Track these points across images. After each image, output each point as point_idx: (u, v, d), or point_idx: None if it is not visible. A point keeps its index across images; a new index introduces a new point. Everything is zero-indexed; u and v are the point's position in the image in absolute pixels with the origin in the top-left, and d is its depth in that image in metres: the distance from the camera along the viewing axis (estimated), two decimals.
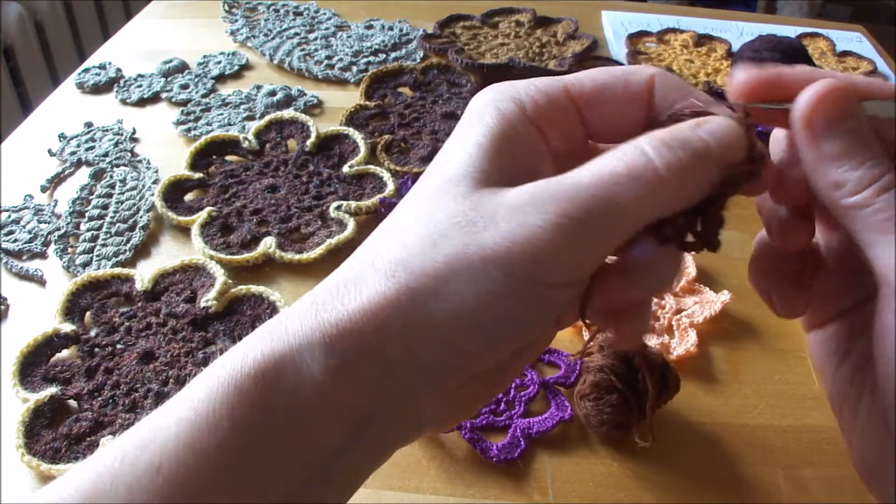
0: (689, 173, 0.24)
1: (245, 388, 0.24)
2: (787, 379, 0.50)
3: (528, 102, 0.27)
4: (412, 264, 0.24)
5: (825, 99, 0.25)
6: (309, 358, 0.24)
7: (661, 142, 0.24)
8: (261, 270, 0.57)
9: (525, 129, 0.26)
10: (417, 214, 0.26)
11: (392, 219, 0.27)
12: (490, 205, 0.24)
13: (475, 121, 0.27)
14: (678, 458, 0.45)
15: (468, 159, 0.26)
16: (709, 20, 0.96)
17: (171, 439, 0.23)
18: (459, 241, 0.24)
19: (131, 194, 0.63)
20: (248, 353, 0.25)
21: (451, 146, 0.27)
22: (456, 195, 0.25)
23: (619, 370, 0.43)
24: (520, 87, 0.27)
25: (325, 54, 0.85)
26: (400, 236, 0.25)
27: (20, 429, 0.43)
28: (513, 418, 0.46)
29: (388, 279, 0.24)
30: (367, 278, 0.25)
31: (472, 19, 0.91)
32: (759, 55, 0.73)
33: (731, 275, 0.57)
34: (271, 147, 0.68)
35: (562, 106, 0.27)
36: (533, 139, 0.27)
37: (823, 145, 0.25)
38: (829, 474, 0.44)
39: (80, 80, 0.78)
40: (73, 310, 0.51)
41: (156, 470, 0.23)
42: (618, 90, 0.27)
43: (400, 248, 0.25)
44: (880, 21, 2.23)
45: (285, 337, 0.25)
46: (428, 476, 0.43)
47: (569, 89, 0.27)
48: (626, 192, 0.23)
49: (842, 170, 0.24)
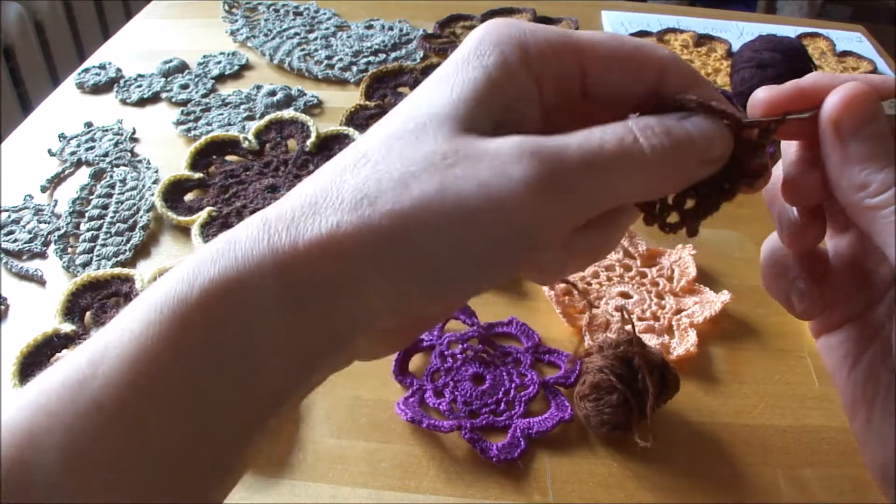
0: (671, 159, 0.24)
1: (192, 319, 0.22)
2: (787, 379, 0.50)
3: (534, 52, 0.25)
4: (379, 201, 0.23)
5: (853, 102, 0.25)
6: (260, 288, 0.23)
7: (646, 125, 0.24)
8: None
9: (524, 80, 0.25)
10: (392, 148, 0.24)
11: (363, 145, 0.25)
12: (472, 152, 0.23)
13: (473, 59, 0.25)
14: (678, 458, 0.45)
15: (458, 101, 0.24)
16: (709, 20, 0.96)
17: (111, 376, 0.22)
18: (434, 185, 0.23)
19: (131, 194, 0.63)
20: (194, 281, 0.23)
21: (442, 79, 0.25)
22: (437, 136, 0.24)
23: (619, 370, 0.44)
24: (529, 34, 0.25)
25: (325, 54, 0.85)
26: (371, 167, 0.24)
27: None
28: (513, 418, 0.46)
29: (351, 213, 0.23)
30: (326, 208, 0.23)
31: (472, 19, 0.91)
32: (758, 55, 0.73)
33: (731, 275, 0.57)
34: (271, 147, 0.68)
35: (567, 64, 0.26)
36: (529, 90, 0.26)
37: (851, 147, 0.25)
38: (829, 474, 0.44)
39: (80, 80, 0.78)
40: (73, 310, 0.51)
41: (97, 408, 0.22)
42: (631, 65, 0.26)
43: (369, 182, 0.23)
44: (880, 21, 2.23)
45: (234, 264, 0.23)
46: (428, 476, 0.43)
47: (581, 50, 0.26)
48: (610, 164, 0.23)
49: (866, 172, 0.25)
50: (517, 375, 0.48)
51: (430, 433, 0.45)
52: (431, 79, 0.26)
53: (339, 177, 0.24)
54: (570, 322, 0.52)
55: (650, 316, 0.54)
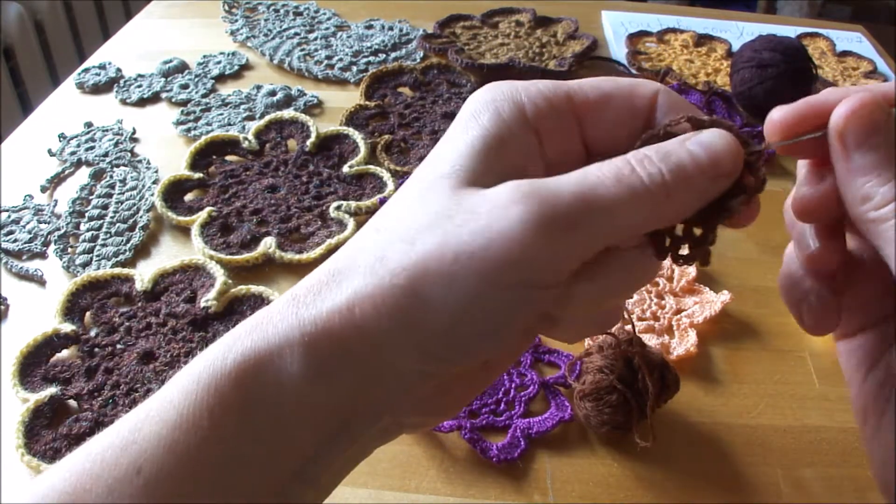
0: (673, 185, 0.24)
1: (224, 390, 0.24)
2: (787, 379, 0.50)
3: (528, 106, 0.26)
4: (388, 261, 0.24)
5: (857, 113, 0.25)
6: (288, 358, 0.24)
7: (643, 154, 0.24)
8: (261, 270, 0.57)
9: (522, 133, 0.26)
10: (401, 212, 0.25)
11: (378, 216, 0.27)
12: (472, 202, 0.24)
13: (471, 120, 0.26)
14: (678, 458, 0.45)
15: (458, 158, 0.25)
16: (709, 20, 0.96)
17: (151, 441, 0.23)
18: (437, 237, 0.23)
19: (131, 194, 0.63)
20: (228, 354, 0.24)
21: (443, 144, 0.27)
22: (440, 193, 0.25)
23: (619, 370, 0.43)
24: (521, 89, 0.27)
25: (325, 54, 0.85)
26: (383, 233, 0.25)
27: (20, 429, 0.43)
28: (513, 418, 0.46)
29: (367, 276, 0.24)
30: (348, 275, 0.25)
31: (472, 19, 0.91)
32: (758, 55, 0.73)
33: (731, 275, 0.57)
34: (271, 147, 0.68)
35: (562, 113, 0.27)
36: (528, 144, 0.26)
37: (854, 158, 0.25)
38: (829, 474, 0.44)
39: (80, 80, 0.78)
40: (73, 310, 0.51)
41: (136, 471, 0.23)
42: (621, 102, 0.27)
43: (381, 245, 0.25)
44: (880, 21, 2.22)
45: (265, 336, 0.24)
46: (428, 476, 0.43)
47: (571, 97, 0.27)
48: (608, 197, 0.23)
49: (870, 184, 0.24)
50: (517, 375, 0.48)
51: (430, 433, 0.45)
52: (438, 144, 0.27)
53: (359, 245, 0.26)
54: None
55: (650, 316, 0.54)
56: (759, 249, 0.60)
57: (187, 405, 0.24)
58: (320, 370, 0.24)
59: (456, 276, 0.23)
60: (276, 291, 0.53)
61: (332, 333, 0.24)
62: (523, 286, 0.24)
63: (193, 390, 0.24)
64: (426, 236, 0.24)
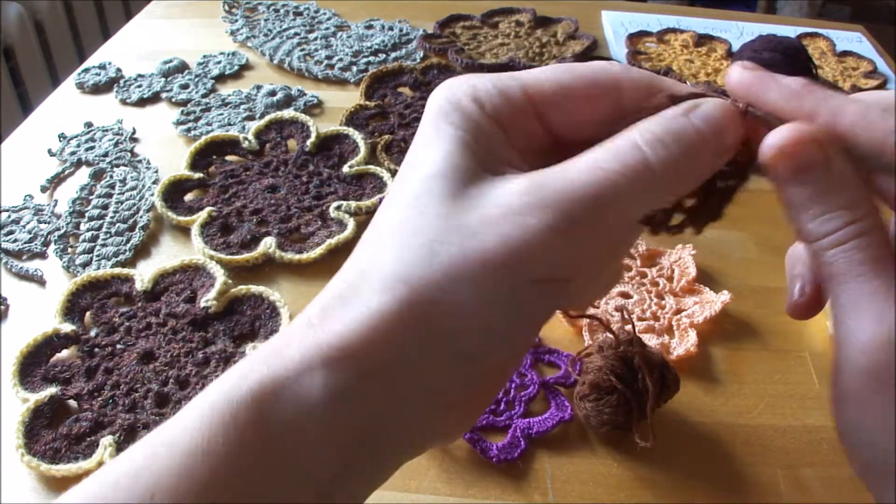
0: (684, 166, 0.24)
1: (241, 417, 0.23)
2: (787, 379, 0.50)
3: (486, 101, 0.26)
4: (411, 276, 0.23)
5: (784, 151, 0.24)
6: (308, 385, 0.23)
7: (654, 136, 0.24)
8: (261, 270, 0.57)
9: (489, 128, 0.26)
10: (404, 221, 0.25)
11: (377, 227, 0.26)
12: (482, 205, 0.24)
13: (439, 121, 0.26)
14: (678, 458, 0.45)
15: (444, 157, 0.25)
16: (709, 20, 0.96)
17: (164, 467, 0.23)
18: (456, 246, 0.23)
19: (131, 194, 0.63)
20: (243, 382, 0.24)
21: (419, 148, 0.26)
22: (442, 196, 0.24)
23: (619, 370, 0.43)
24: (478, 86, 0.26)
25: (325, 54, 0.85)
26: (391, 246, 0.24)
27: (20, 429, 0.43)
28: (513, 418, 0.46)
29: (386, 294, 0.23)
30: (363, 293, 0.24)
31: (472, 19, 0.91)
32: (758, 55, 0.73)
33: (731, 275, 0.57)
34: (271, 147, 0.68)
35: (520, 106, 0.26)
36: (498, 136, 0.26)
37: (787, 191, 0.25)
38: (829, 474, 0.44)
39: (80, 80, 0.78)
40: (73, 310, 0.51)
41: (149, 497, 0.22)
42: (580, 90, 0.26)
43: (394, 260, 0.24)
44: (880, 21, 2.22)
45: (282, 362, 0.24)
46: (428, 476, 0.43)
47: (527, 90, 0.26)
48: (621, 190, 0.23)
49: (804, 217, 0.24)
50: (517, 375, 0.48)
51: None
52: (410, 150, 0.27)
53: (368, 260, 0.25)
54: (570, 322, 0.52)
55: (650, 316, 0.54)
56: (759, 249, 0.60)
57: (202, 432, 0.23)
58: (345, 391, 0.23)
59: (483, 282, 0.23)
60: (277, 291, 0.53)
61: (355, 355, 0.23)
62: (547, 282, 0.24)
63: (209, 417, 0.23)
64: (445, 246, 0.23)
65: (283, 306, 0.52)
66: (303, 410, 0.23)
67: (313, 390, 0.23)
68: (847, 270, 0.24)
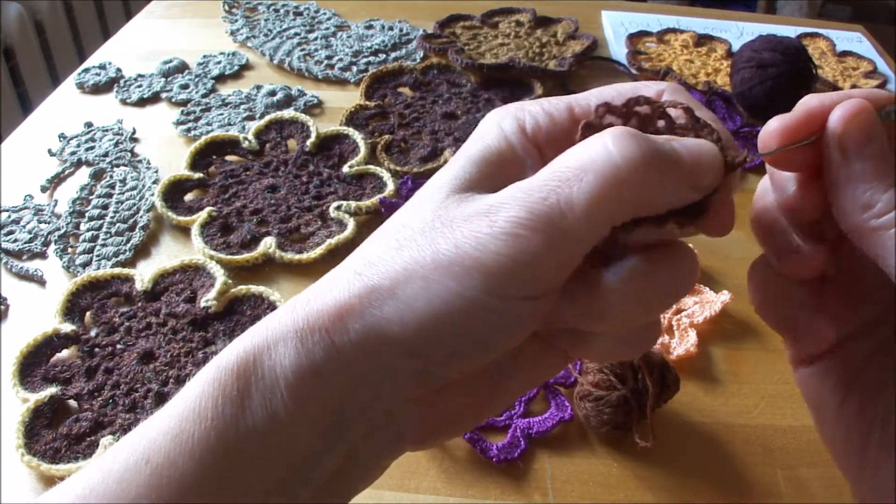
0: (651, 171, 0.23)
1: (226, 383, 0.24)
2: (787, 379, 0.50)
3: (528, 121, 0.26)
4: (377, 265, 0.25)
5: (855, 119, 0.24)
6: (283, 351, 0.25)
7: (624, 132, 0.23)
8: (261, 270, 0.57)
9: (522, 147, 0.26)
10: (397, 220, 0.26)
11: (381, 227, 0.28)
12: (454, 211, 0.25)
13: (476, 139, 0.27)
14: (678, 458, 0.45)
15: (456, 169, 0.26)
16: (709, 20, 0.96)
17: (159, 433, 0.24)
18: (419, 245, 0.24)
19: (131, 194, 0.63)
20: (231, 350, 0.25)
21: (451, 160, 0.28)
22: (433, 202, 0.25)
23: (619, 370, 0.44)
24: (526, 107, 0.27)
25: (325, 54, 0.85)
26: (378, 240, 0.26)
27: (20, 429, 0.43)
28: (513, 418, 0.46)
29: (356, 277, 0.25)
30: (343, 277, 0.26)
31: (472, 19, 0.91)
32: (758, 55, 0.73)
33: (731, 275, 0.57)
34: (271, 147, 0.68)
35: (563, 125, 0.27)
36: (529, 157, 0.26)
37: (854, 164, 0.24)
38: (829, 474, 0.44)
39: (80, 80, 0.78)
40: (73, 310, 0.51)
41: (145, 462, 0.24)
42: None
43: (373, 251, 0.26)
44: (880, 21, 2.23)
45: (264, 333, 0.25)
46: (428, 476, 0.43)
47: (573, 108, 0.27)
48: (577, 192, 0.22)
49: (870, 192, 0.24)
50: None
51: None
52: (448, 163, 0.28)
53: (359, 251, 0.27)
54: None
55: None
56: (760, 249, 0.60)
57: (194, 398, 0.25)
58: (310, 365, 0.24)
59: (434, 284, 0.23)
60: (277, 291, 0.53)
61: (320, 329, 0.24)
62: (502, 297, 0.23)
63: (202, 383, 0.25)
64: (411, 243, 0.24)
65: None
66: (278, 381, 0.24)
67: (286, 361, 0.24)
68: None
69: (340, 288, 0.25)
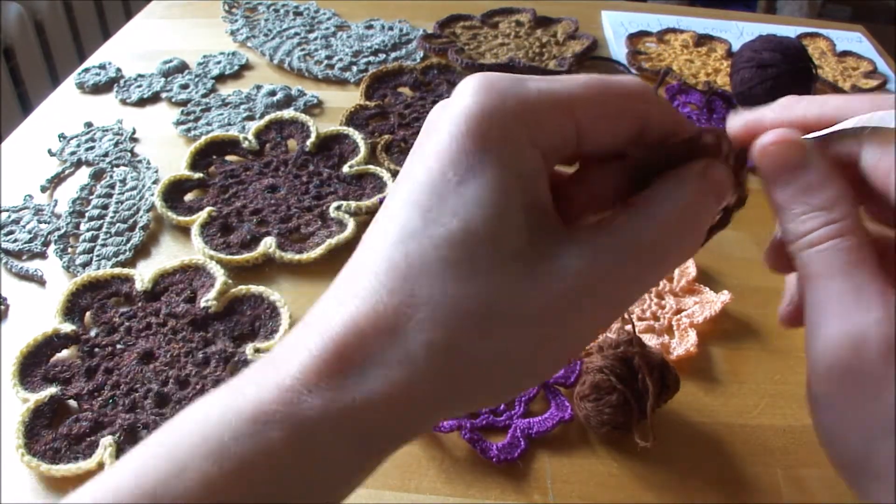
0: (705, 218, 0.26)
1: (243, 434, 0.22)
2: (787, 379, 0.50)
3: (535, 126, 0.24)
4: (460, 344, 0.22)
5: (768, 150, 0.26)
6: (308, 403, 0.22)
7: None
8: (261, 270, 0.57)
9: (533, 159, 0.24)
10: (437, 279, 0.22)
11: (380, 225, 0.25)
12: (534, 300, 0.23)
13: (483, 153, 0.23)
14: (678, 458, 0.45)
15: (492, 218, 0.22)
16: (709, 20, 0.96)
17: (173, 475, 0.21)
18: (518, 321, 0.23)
19: (131, 194, 0.63)
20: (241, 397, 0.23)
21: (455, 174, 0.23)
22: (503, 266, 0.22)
23: (619, 370, 0.43)
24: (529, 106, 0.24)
25: (325, 54, 0.85)
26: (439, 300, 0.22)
27: (20, 429, 0.43)
28: (513, 418, 0.46)
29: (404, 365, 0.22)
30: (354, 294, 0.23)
31: (472, 19, 0.91)
32: (758, 55, 0.73)
33: (731, 275, 0.57)
34: (271, 147, 0.68)
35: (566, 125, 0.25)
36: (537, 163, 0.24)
37: (773, 193, 0.26)
38: (829, 474, 0.44)
39: (80, 80, 0.78)
40: (73, 310, 0.51)
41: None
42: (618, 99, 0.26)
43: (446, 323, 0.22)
44: (880, 21, 2.22)
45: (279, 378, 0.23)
46: (428, 476, 0.43)
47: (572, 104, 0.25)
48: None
49: (786, 218, 0.26)
50: None
51: (430, 433, 0.45)
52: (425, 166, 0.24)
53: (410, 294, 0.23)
54: None
55: (650, 316, 0.54)
56: (760, 249, 0.60)
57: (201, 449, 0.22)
58: (370, 454, 0.24)
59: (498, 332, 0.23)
60: (277, 291, 0.53)
61: (383, 426, 0.23)
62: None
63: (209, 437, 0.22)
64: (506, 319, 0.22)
65: (283, 306, 0.52)
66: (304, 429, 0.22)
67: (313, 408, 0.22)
68: (820, 271, 0.24)
69: (383, 373, 0.22)
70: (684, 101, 0.78)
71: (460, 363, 0.22)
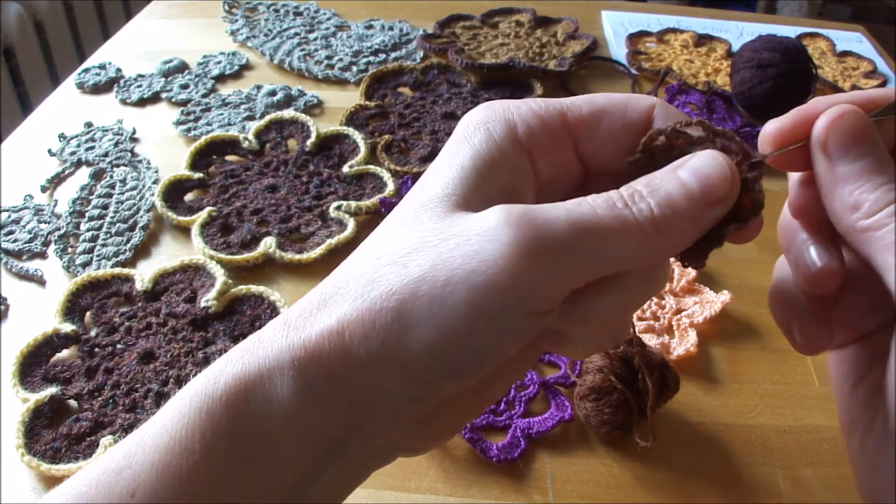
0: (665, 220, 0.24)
1: (215, 414, 0.24)
2: (787, 379, 0.50)
3: (520, 125, 0.26)
4: (379, 285, 0.24)
5: (838, 122, 0.25)
6: (278, 382, 0.24)
7: (633, 189, 0.24)
8: (261, 270, 0.57)
9: (513, 154, 0.26)
10: (394, 235, 0.25)
11: (371, 238, 0.27)
12: (463, 226, 0.24)
13: (463, 141, 0.26)
14: (678, 458, 0.45)
15: (450, 181, 0.25)
16: (709, 20, 0.96)
17: (144, 465, 0.23)
18: (428, 261, 0.23)
19: (131, 194, 0.63)
20: (220, 378, 0.24)
21: (436, 166, 0.26)
22: (432, 216, 0.25)
23: (619, 370, 0.43)
24: (514, 109, 0.26)
25: (325, 54, 0.85)
26: (374, 256, 0.25)
27: (20, 429, 0.43)
28: (513, 418, 0.46)
29: (356, 300, 0.24)
30: (337, 298, 0.24)
31: (472, 19, 0.91)
32: (758, 55, 0.73)
33: (731, 275, 0.57)
34: (271, 147, 0.68)
35: (556, 131, 0.26)
36: (520, 164, 0.26)
37: (839, 167, 0.24)
38: (829, 474, 0.44)
39: (80, 80, 0.78)
40: (73, 310, 0.51)
41: (129, 495, 0.23)
42: (616, 118, 0.27)
43: (372, 269, 0.24)
44: (880, 21, 2.23)
45: (255, 360, 0.24)
46: (428, 476, 0.43)
47: (564, 113, 0.27)
48: (601, 229, 0.23)
49: (858, 192, 0.24)
50: None
51: None
52: (431, 165, 0.27)
53: (351, 268, 0.25)
54: None
55: (650, 316, 0.54)
56: (760, 249, 0.60)
57: (179, 429, 0.24)
58: (309, 393, 0.24)
59: (444, 300, 0.23)
60: (277, 291, 0.53)
61: (321, 356, 0.24)
62: (513, 312, 0.23)
63: (186, 414, 0.24)
64: (418, 259, 0.24)
65: (283, 306, 0.52)
66: (273, 410, 0.24)
67: (283, 390, 0.24)
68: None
69: (339, 309, 0.24)
70: (684, 101, 0.78)
71: (381, 297, 0.24)
